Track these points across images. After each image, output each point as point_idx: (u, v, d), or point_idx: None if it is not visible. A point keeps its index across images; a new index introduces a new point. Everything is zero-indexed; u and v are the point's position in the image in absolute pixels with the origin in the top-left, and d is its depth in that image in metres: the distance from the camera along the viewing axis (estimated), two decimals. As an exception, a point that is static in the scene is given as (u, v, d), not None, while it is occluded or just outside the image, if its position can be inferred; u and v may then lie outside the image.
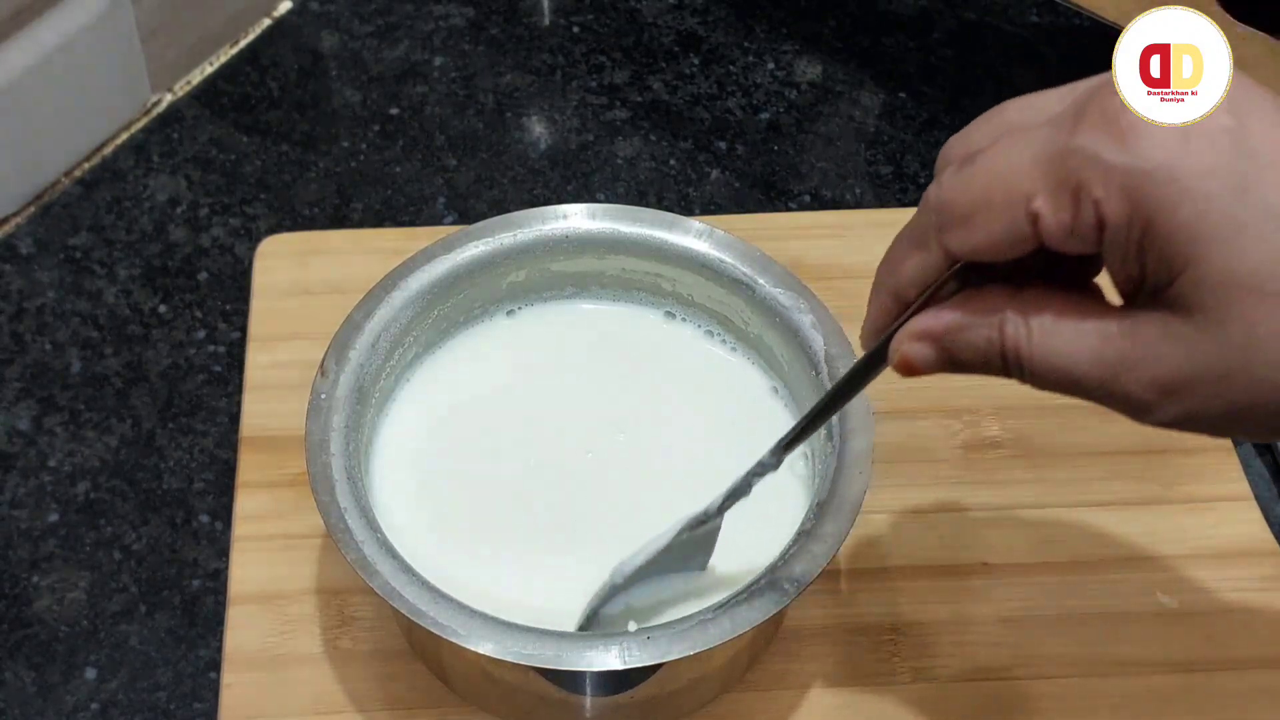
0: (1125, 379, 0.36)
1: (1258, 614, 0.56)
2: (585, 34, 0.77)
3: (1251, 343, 0.34)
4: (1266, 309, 0.33)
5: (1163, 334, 0.35)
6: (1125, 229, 0.34)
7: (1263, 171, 0.34)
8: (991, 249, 0.36)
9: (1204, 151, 0.34)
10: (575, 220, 0.55)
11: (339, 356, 0.51)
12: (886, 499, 0.57)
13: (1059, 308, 0.36)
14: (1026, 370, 0.37)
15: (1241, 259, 0.33)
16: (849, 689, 0.53)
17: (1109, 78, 0.36)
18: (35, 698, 0.54)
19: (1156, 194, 0.34)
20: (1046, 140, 0.35)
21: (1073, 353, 0.36)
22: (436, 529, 0.51)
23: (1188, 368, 0.35)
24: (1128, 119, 0.34)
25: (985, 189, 0.36)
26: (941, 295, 0.38)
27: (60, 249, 0.67)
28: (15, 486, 0.59)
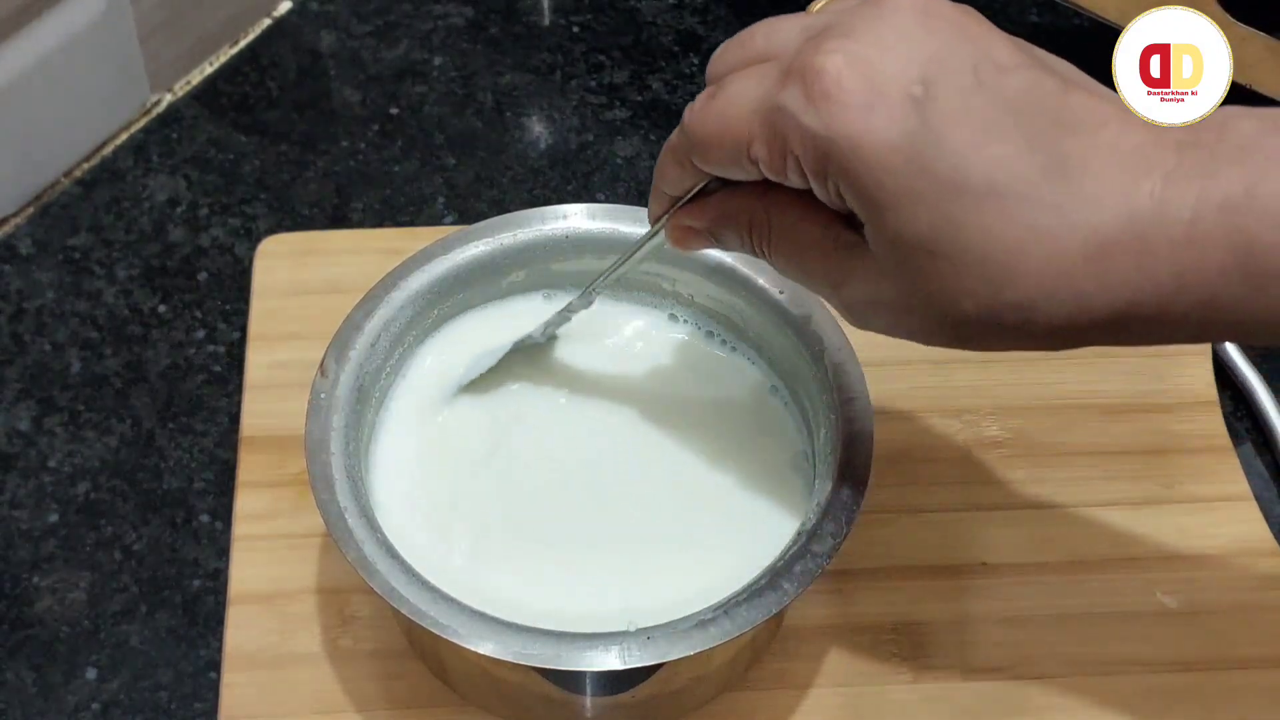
0: (834, 294, 0.42)
1: (1258, 614, 0.56)
2: (585, 33, 0.77)
3: (920, 290, 0.39)
4: (933, 266, 0.38)
5: (860, 264, 0.40)
6: (821, 181, 0.39)
7: (939, 140, 0.36)
8: (726, 174, 0.42)
9: (886, 124, 0.37)
10: (575, 220, 0.55)
11: (339, 356, 0.51)
12: (886, 499, 0.57)
13: (796, 213, 0.41)
14: (771, 260, 0.43)
15: (913, 224, 0.37)
16: (849, 689, 0.53)
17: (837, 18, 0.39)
18: (36, 698, 0.54)
19: (841, 159, 0.38)
20: (765, 92, 0.39)
21: (801, 260, 0.42)
22: (436, 529, 0.51)
23: (873, 298, 0.40)
24: (824, 84, 0.37)
25: (717, 127, 0.41)
26: (708, 189, 0.44)
27: (60, 249, 0.67)
28: (15, 487, 0.59)
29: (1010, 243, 0.37)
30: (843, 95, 0.37)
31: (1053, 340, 0.39)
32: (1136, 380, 0.62)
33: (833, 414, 0.50)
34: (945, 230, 0.37)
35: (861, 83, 0.37)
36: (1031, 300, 0.37)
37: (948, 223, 0.37)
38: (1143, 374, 0.62)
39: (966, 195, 0.37)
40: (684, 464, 0.53)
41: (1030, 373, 0.61)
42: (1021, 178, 0.36)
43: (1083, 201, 0.36)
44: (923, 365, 0.61)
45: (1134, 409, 0.61)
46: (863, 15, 0.38)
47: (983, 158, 0.37)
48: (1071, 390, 0.61)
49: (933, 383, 0.61)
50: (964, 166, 0.37)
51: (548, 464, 0.53)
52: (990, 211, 0.37)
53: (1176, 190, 0.36)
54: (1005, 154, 0.37)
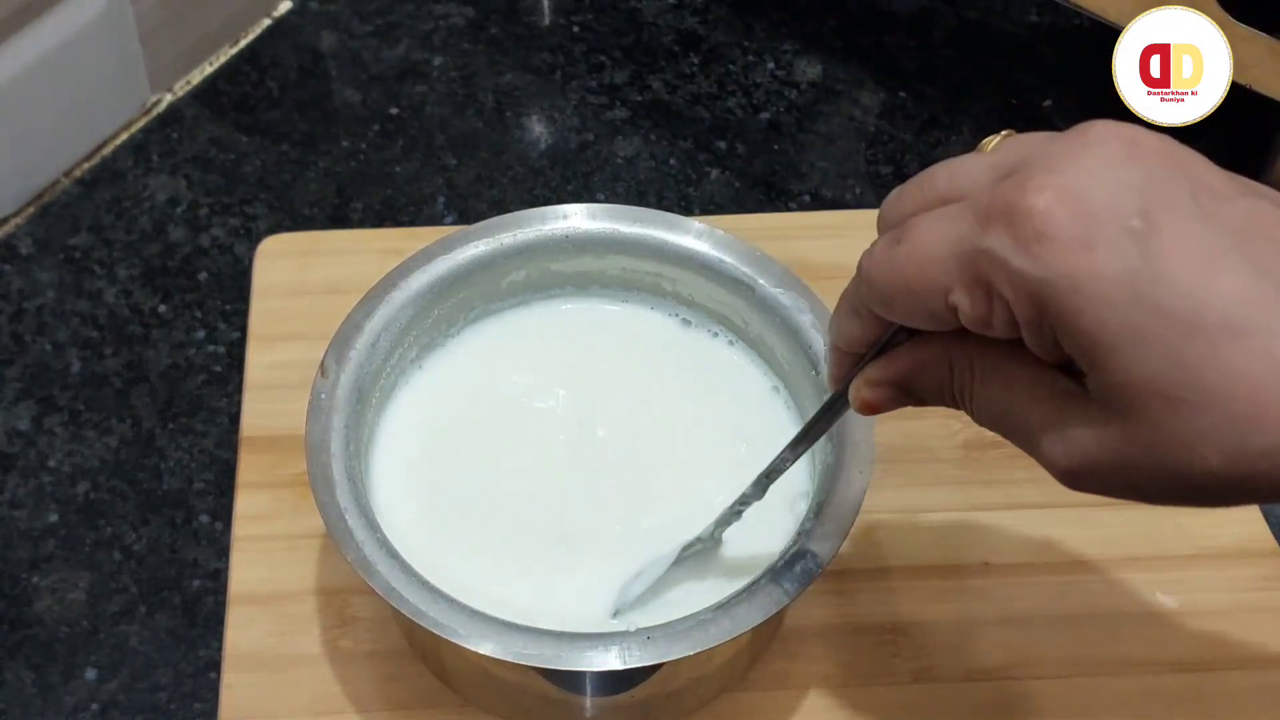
0: (1044, 446, 0.37)
1: (1258, 614, 0.56)
2: (585, 33, 0.77)
3: (1155, 442, 0.35)
4: (1167, 412, 0.34)
5: (1080, 415, 0.36)
6: (1036, 328, 0.35)
7: (1164, 276, 0.34)
8: (918, 325, 0.38)
9: (1106, 259, 0.34)
10: (575, 220, 0.55)
11: (339, 356, 0.51)
12: (886, 499, 0.57)
13: (1003, 358, 0.38)
14: (972, 410, 0.39)
15: (1141, 365, 0.34)
16: (849, 689, 0.53)
17: (1031, 151, 0.36)
18: (35, 698, 0.54)
19: (1059, 301, 0.34)
20: (962, 234, 0.36)
21: (1009, 408, 0.38)
22: (436, 529, 0.51)
23: (1096, 453, 0.36)
24: (1036, 224, 0.34)
25: (907, 277, 0.37)
26: (895, 342, 0.40)
27: (60, 249, 0.67)
28: (15, 486, 0.59)
29: (1255, 380, 0.33)
30: (1057, 233, 0.34)
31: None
32: (1137, 380, 0.61)
33: (833, 414, 0.50)
34: (1182, 372, 0.34)
35: (1076, 219, 0.34)
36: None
37: (1184, 364, 0.34)
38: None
39: (1203, 332, 0.34)
40: (684, 464, 0.53)
41: (1030, 373, 0.61)
42: (1258, 308, 0.34)
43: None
44: (923, 365, 0.61)
45: (1134, 409, 0.61)
46: (1065, 147, 0.36)
47: (1216, 291, 0.34)
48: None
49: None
50: (1196, 301, 0.34)
51: (548, 464, 0.53)
52: (1232, 349, 0.33)
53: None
54: (1239, 286, 0.34)
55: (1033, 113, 0.74)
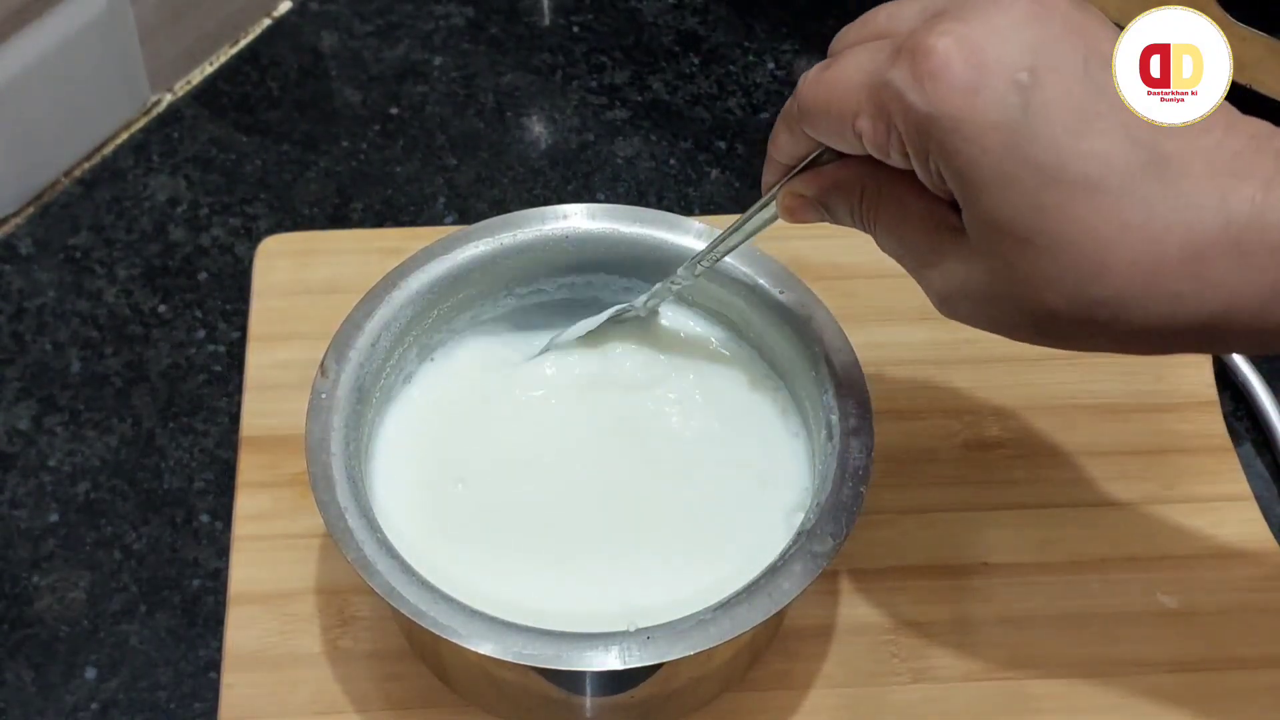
0: (923, 274, 0.42)
1: (1258, 614, 0.56)
2: (585, 34, 0.77)
3: (1009, 279, 0.38)
4: (1022, 252, 0.37)
5: (954, 248, 0.40)
6: (922, 160, 0.39)
7: (1040, 128, 0.36)
8: (834, 145, 0.42)
9: (989, 106, 0.37)
10: (575, 220, 0.55)
11: (339, 356, 0.51)
12: (886, 499, 0.57)
13: (904, 191, 0.41)
14: (875, 234, 0.43)
15: (1006, 208, 0.37)
16: (849, 689, 0.53)
17: (955, 2, 0.39)
18: (35, 697, 0.54)
19: (941, 138, 0.37)
20: (876, 67, 0.39)
21: (901, 235, 0.42)
22: (436, 529, 0.51)
23: (962, 284, 0.40)
24: (932, 63, 0.37)
25: (827, 99, 0.41)
26: (822, 160, 0.44)
27: (60, 249, 0.67)
28: (15, 486, 0.59)
29: (1103, 236, 0.36)
30: (949, 75, 0.37)
31: (1141, 342, 0.38)
32: (1136, 380, 0.61)
33: (833, 414, 0.50)
34: (1038, 218, 0.37)
35: (968, 65, 0.37)
36: (1121, 297, 0.37)
37: (1041, 211, 0.37)
38: (1143, 374, 0.62)
39: (1062, 185, 0.36)
40: (684, 464, 0.53)
41: (1030, 373, 0.61)
42: (1120, 173, 0.36)
43: (1181, 202, 0.36)
44: (923, 365, 0.61)
45: (1134, 409, 0.61)
46: (978, 1, 0.38)
47: (1082, 150, 0.36)
48: (1071, 390, 0.61)
49: (933, 383, 0.61)
50: (1062, 156, 0.36)
51: (548, 464, 0.53)
52: (1085, 203, 0.36)
53: (1276, 197, 0.36)
54: (1105, 148, 0.36)
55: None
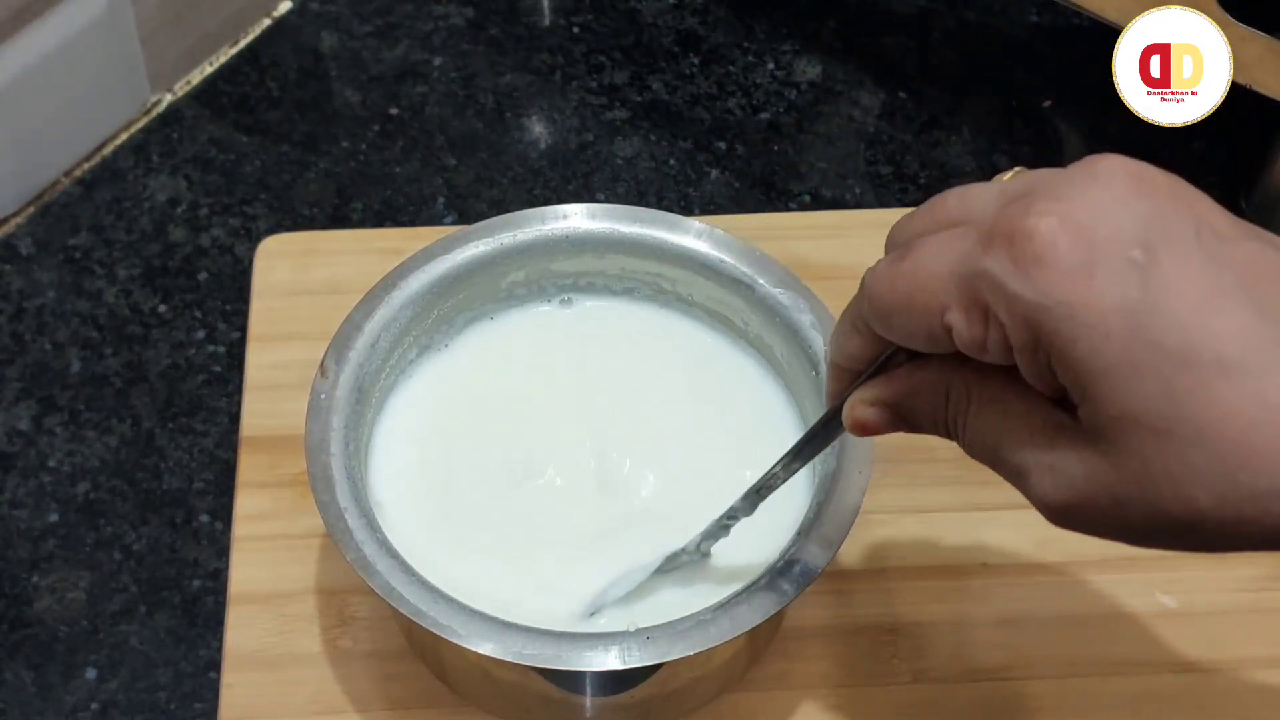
0: (1034, 479, 0.37)
1: (1258, 614, 0.56)
2: (585, 34, 0.77)
3: (1145, 477, 0.34)
4: (1158, 446, 0.34)
5: (1071, 448, 0.36)
6: (1030, 354, 0.35)
7: (1162, 309, 0.34)
8: (914, 345, 0.38)
9: (1105, 288, 0.34)
10: (575, 220, 0.55)
11: (339, 356, 0.51)
12: (886, 499, 0.57)
13: (999, 389, 0.37)
14: (963, 442, 0.39)
15: (1134, 397, 0.34)
16: (849, 689, 0.53)
17: (1039, 181, 0.36)
18: (35, 698, 0.54)
19: (1054, 328, 0.34)
20: (964, 255, 0.36)
21: (999, 441, 0.38)
22: (436, 529, 0.51)
23: (1084, 487, 0.36)
24: (1036, 246, 0.34)
25: (907, 294, 0.37)
26: (893, 363, 0.40)
27: (60, 249, 0.67)
28: (15, 486, 0.59)
29: (1248, 420, 0.33)
30: (1057, 258, 0.34)
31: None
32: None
33: (832, 414, 0.50)
34: (1172, 405, 0.34)
35: (1077, 246, 0.34)
36: (1272, 487, 0.33)
37: (1176, 397, 0.33)
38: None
39: (1196, 368, 0.33)
40: (684, 464, 0.53)
41: (1030, 373, 0.61)
42: (1255, 349, 0.33)
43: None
44: (923, 365, 0.61)
45: (1134, 409, 0.61)
46: (1072, 179, 0.36)
47: (1212, 328, 0.34)
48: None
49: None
50: (1191, 337, 0.33)
51: (548, 464, 0.53)
52: (1223, 385, 0.33)
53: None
54: (1236, 325, 0.34)
55: (1032, 113, 0.74)
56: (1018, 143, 0.73)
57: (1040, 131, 0.73)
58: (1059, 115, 0.74)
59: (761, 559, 0.48)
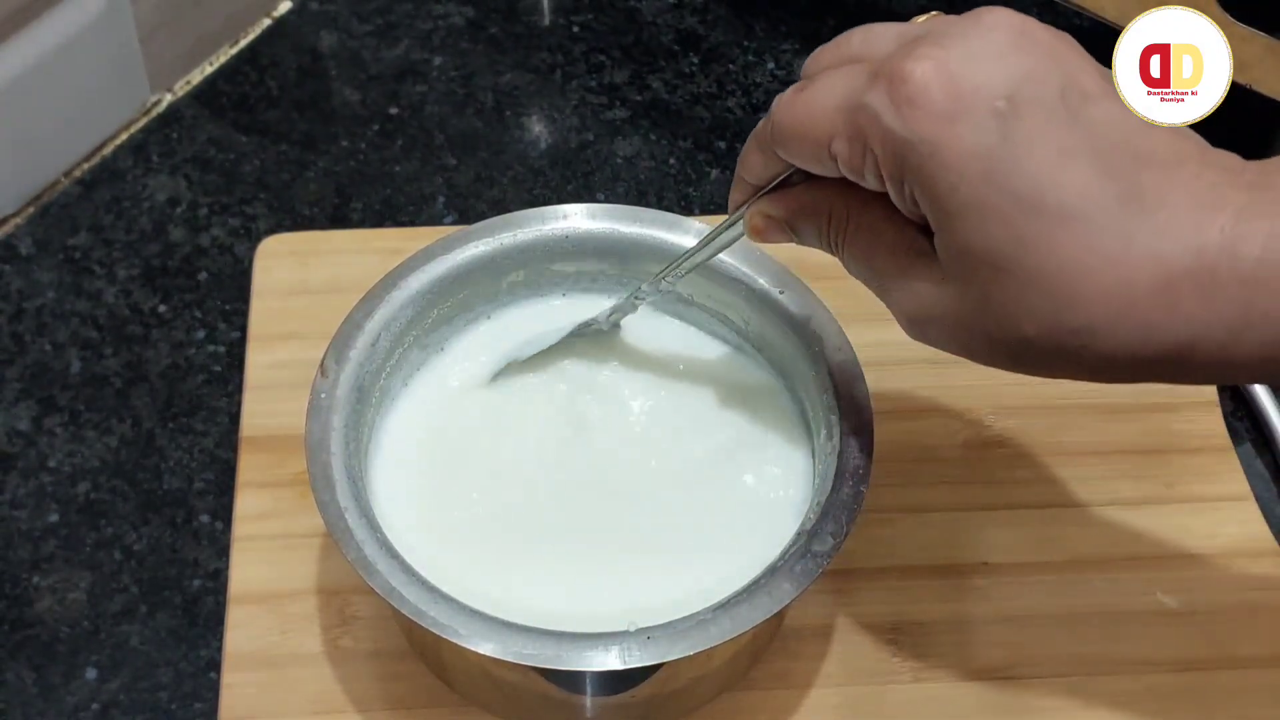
0: (892, 297, 0.42)
1: (1258, 614, 0.56)
2: (585, 33, 0.77)
3: (983, 306, 0.38)
4: (999, 282, 0.38)
5: (926, 272, 0.40)
6: (897, 185, 0.39)
7: (1019, 157, 0.37)
8: (807, 167, 0.42)
9: (967, 133, 0.37)
10: (575, 220, 0.55)
11: (339, 356, 0.51)
12: (886, 499, 0.57)
13: (875, 215, 0.42)
14: (841, 258, 0.44)
15: (982, 236, 0.37)
16: (849, 689, 0.53)
17: (935, 26, 0.39)
18: (36, 698, 0.54)
19: (918, 164, 0.38)
20: (853, 90, 0.39)
21: (869, 259, 0.42)
22: (436, 528, 0.51)
23: (933, 307, 0.40)
24: (910, 88, 0.37)
25: (802, 120, 0.41)
26: (791, 182, 0.44)
27: (60, 249, 0.67)
28: (15, 486, 0.59)
29: (1078, 266, 0.37)
30: (927, 101, 0.37)
31: (1111, 371, 0.38)
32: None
33: (833, 414, 0.50)
34: (1013, 246, 0.37)
35: (947, 91, 0.37)
36: (1094, 325, 0.37)
37: (1017, 239, 0.37)
38: (1143, 374, 0.62)
39: (1039, 214, 0.37)
40: (684, 464, 0.53)
41: (1030, 373, 0.61)
42: (1095, 203, 0.36)
43: (1154, 232, 0.36)
44: (922, 365, 0.61)
45: (1134, 409, 0.61)
46: (958, 28, 0.38)
47: (1059, 180, 0.37)
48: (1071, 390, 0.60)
49: (933, 383, 0.61)
50: (1040, 186, 0.37)
51: (548, 464, 0.53)
52: (1061, 233, 0.37)
53: (1247, 228, 0.36)
54: (1082, 179, 0.37)
55: (1032, 112, 0.74)
56: (1018, 142, 0.73)
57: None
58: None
59: (762, 558, 0.48)
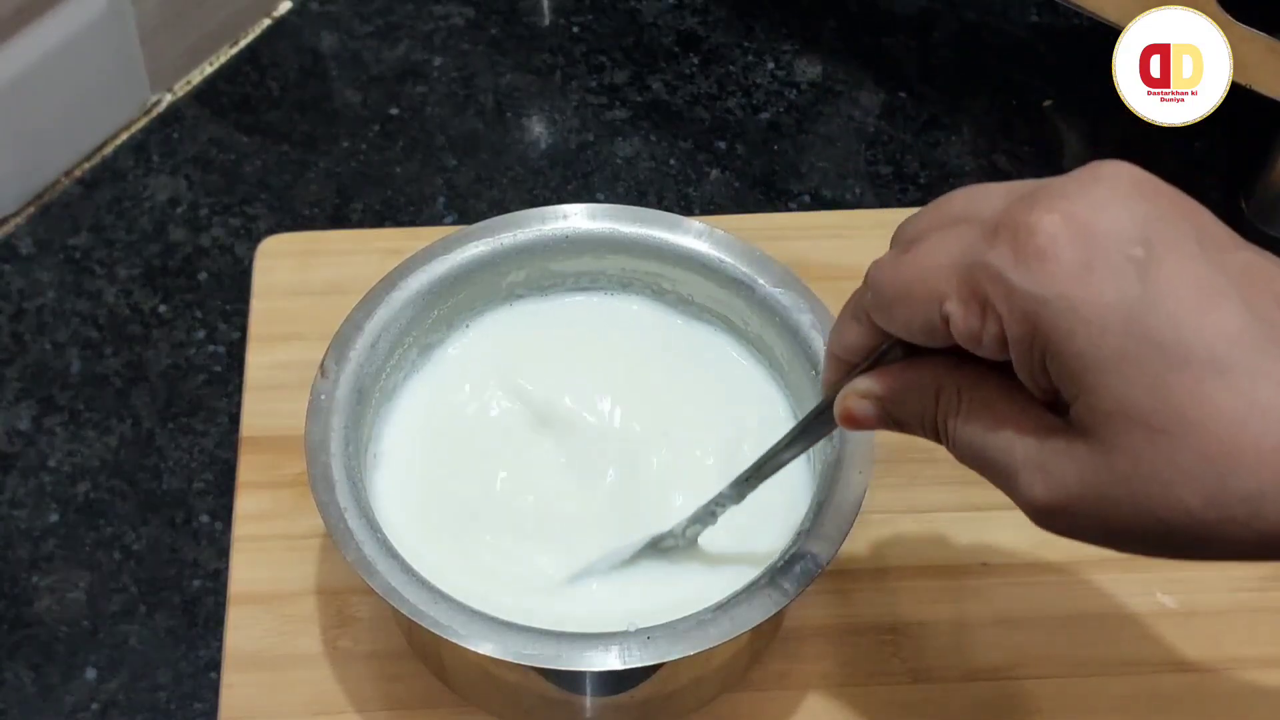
0: (1023, 480, 0.37)
1: (1258, 614, 0.56)
2: (585, 34, 0.77)
3: (1135, 475, 0.35)
4: (1150, 443, 0.34)
5: (1062, 447, 0.36)
6: (1026, 348, 0.35)
7: (1159, 306, 0.34)
8: (912, 337, 0.38)
9: (1104, 284, 0.34)
10: (575, 220, 0.55)
11: (339, 356, 0.51)
12: (886, 499, 0.57)
13: (991, 392, 0.38)
14: (950, 444, 0.39)
15: (1126, 393, 0.34)
16: (849, 689, 0.53)
17: (1047, 182, 0.36)
18: (35, 698, 0.54)
19: (1053, 322, 0.34)
20: (967, 247, 0.36)
21: (988, 442, 0.38)
22: (436, 529, 0.51)
23: (1074, 486, 0.36)
24: (1037, 242, 0.34)
25: (908, 282, 0.37)
26: (889, 358, 0.40)
27: (60, 249, 0.67)
28: (15, 486, 0.59)
29: (1235, 419, 0.33)
30: (1058, 253, 0.34)
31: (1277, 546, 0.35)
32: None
33: (833, 414, 0.50)
34: (1164, 402, 0.34)
35: (1079, 242, 0.34)
36: (1263, 490, 0.33)
37: (1168, 395, 0.34)
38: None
39: (1189, 365, 0.34)
40: (683, 464, 0.53)
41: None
42: (1247, 350, 0.34)
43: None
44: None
45: (1134, 409, 0.61)
46: (1077, 179, 0.36)
47: (1207, 327, 0.34)
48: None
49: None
50: (1185, 334, 0.34)
51: (547, 464, 0.53)
52: (1214, 384, 0.34)
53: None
54: (1230, 325, 0.34)
55: (1032, 113, 0.74)
56: (1018, 143, 0.73)
57: (1040, 131, 0.73)
58: (1059, 115, 0.74)
59: (761, 558, 0.48)
